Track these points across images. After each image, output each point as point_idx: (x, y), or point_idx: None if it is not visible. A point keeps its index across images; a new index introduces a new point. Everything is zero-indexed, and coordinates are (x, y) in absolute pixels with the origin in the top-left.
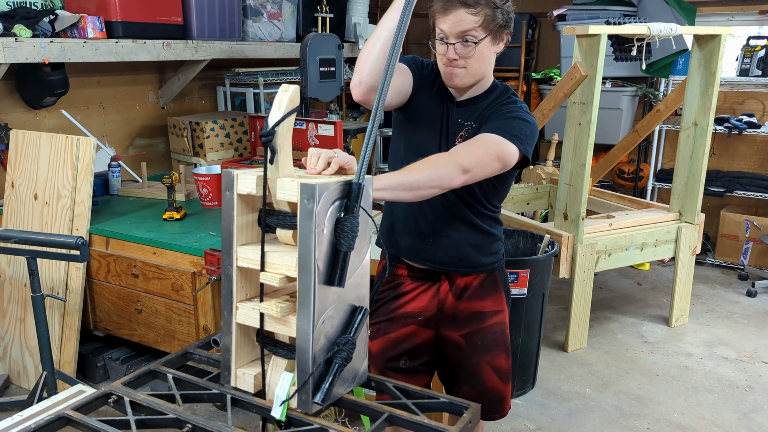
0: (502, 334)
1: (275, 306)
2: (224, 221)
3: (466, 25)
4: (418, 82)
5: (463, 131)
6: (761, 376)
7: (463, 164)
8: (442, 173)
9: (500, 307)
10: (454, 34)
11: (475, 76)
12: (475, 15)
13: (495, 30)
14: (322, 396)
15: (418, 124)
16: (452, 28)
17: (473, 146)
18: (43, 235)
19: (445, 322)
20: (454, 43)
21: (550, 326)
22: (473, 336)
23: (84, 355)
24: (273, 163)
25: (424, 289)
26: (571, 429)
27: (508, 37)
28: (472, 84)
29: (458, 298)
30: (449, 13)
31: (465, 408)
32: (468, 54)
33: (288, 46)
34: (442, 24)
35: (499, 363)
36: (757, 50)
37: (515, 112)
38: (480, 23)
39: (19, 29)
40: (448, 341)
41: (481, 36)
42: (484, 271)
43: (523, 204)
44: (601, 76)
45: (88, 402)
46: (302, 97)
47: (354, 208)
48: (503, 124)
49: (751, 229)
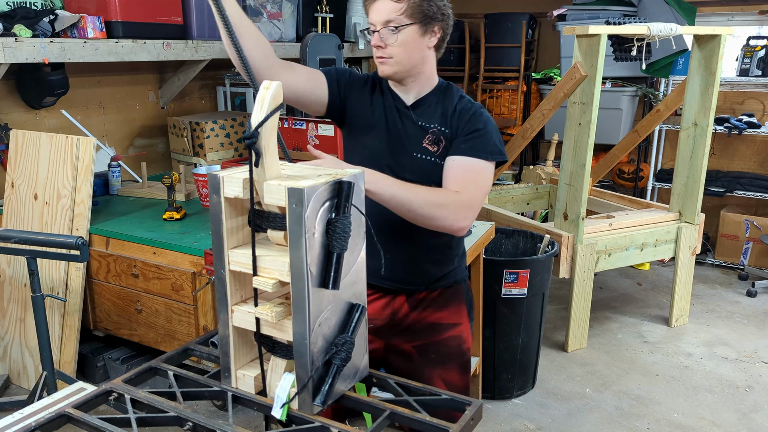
0: (459, 348)
1: (270, 311)
2: (213, 225)
3: (390, 13)
4: (345, 91)
5: (429, 134)
6: (761, 376)
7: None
8: (447, 215)
9: (459, 320)
10: (379, 22)
11: (403, 65)
12: (398, 2)
13: (422, 19)
14: (323, 398)
15: (367, 132)
16: (377, 15)
17: (469, 185)
18: (43, 235)
19: (396, 332)
20: (379, 30)
21: (550, 326)
22: (427, 348)
23: (84, 355)
24: (258, 165)
25: (377, 297)
26: (571, 429)
27: (441, 32)
28: (403, 75)
29: (413, 309)
30: (376, 2)
31: (467, 405)
32: (391, 41)
33: (288, 46)
34: (371, 14)
35: (453, 378)
36: (757, 50)
37: (486, 126)
38: (403, 10)
39: (19, 29)
40: (398, 351)
41: (405, 23)
42: (444, 285)
43: (523, 204)
44: (601, 76)
45: (88, 400)
46: None
47: (345, 207)
48: (484, 145)
49: (751, 229)
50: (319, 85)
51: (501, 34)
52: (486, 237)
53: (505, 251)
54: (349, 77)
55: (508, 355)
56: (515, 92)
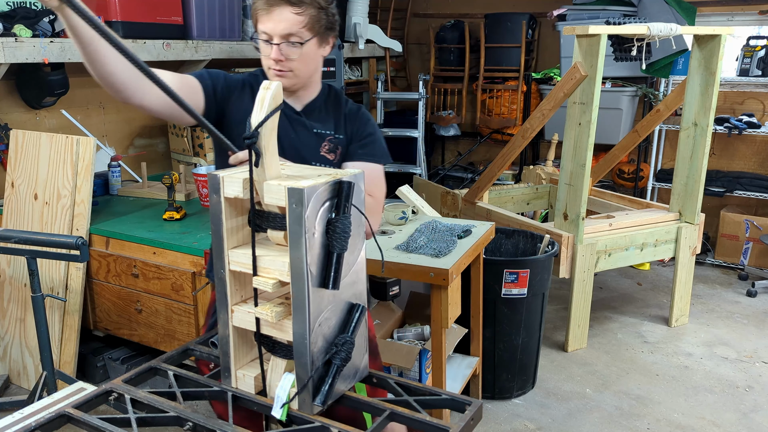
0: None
1: (270, 311)
2: (213, 225)
3: (291, 26)
4: (222, 96)
5: (326, 142)
6: (761, 376)
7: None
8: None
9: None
10: (278, 35)
11: (301, 78)
12: (299, 15)
13: (321, 32)
14: (323, 398)
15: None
16: (277, 28)
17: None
18: (43, 235)
19: None
20: (279, 44)
21: (550, 326)
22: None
23: (84, 355)
24: (258, 165)
25: None
26: (571, 429)
27: (334, 40)
28: (299, 86)
29: None
30: (273, 12)
31: (467, 405)
32: (293, 55)
33: None
34: (267, 23)
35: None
36: (757, 50)
37: (376, 129)
38: (305, 24)
39: (19, 29)
40: None
41: (307, 37)
42: None
43: (523, 204)
44: (601, 76)
45: (88, 400)
46: None
47: (345, 207)
48: (378, 150)
49: (751, 229)
50: (194, 91)
51: (501, 34)
52: (486, 237)
53: (505, 251)
54: (225, 81)
55: (508, 355)
56: (515, 92)
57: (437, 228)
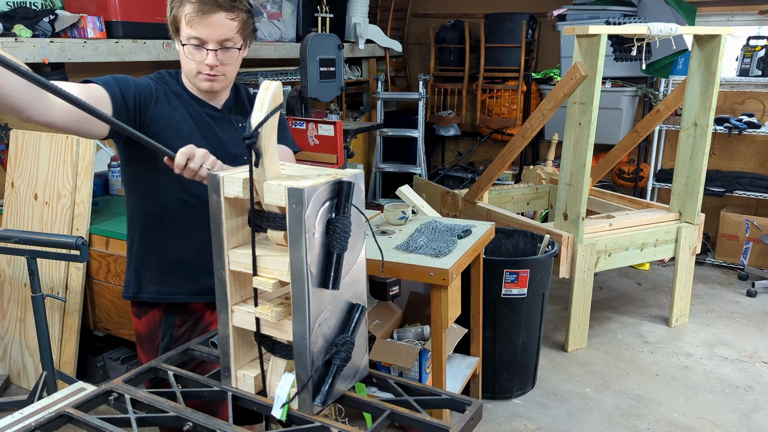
0: None
1: (270, 311)
2: (213, 225)
3: (227, 32)
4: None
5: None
6: (761, 376)
7: None
8: None
9: None
10: (214, 40)
11: (230, 80)
12: (234, 20)
13: (249, 35)
14: (323, 398)
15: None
16: (213, 34)
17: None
18: (43, 235)
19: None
20: (216, 50)
21: (550, 326)
22: None
23: (84, 355)
24: (258, 165)
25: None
26: (571, 429)
27: (251, 43)
28: (226, 88)
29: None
30: (208, 18)
31: (467, 405)
32: (229, 60)
33: (288, 46)
34: (200, 29)
35: None
36: (757, 50)
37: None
38: (238, 29)
39: (19, 29)
40: None
41: (240, 42)
42: None
43: (523, 204)
44: (601, 76)
45: (88, 400)
46: (302, 97)
47: (345, 207)
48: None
49: (751, 229)
50: (100, 101)
51: (501, 34)
52: (486, 237)
53: (505, 251)
54: (136, 87)
55: (508, 355)
56: (515, 92)
57: (437, 228)
